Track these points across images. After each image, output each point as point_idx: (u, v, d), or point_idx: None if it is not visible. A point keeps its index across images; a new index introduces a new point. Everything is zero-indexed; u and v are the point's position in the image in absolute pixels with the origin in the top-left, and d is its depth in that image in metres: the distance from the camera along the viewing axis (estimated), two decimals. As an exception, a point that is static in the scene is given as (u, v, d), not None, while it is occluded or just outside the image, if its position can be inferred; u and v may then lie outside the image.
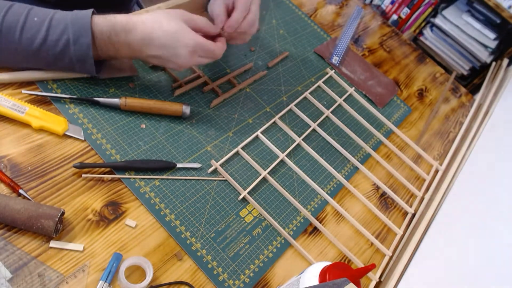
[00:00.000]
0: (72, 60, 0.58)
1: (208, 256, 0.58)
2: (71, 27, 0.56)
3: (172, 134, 0.67)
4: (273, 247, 0.63)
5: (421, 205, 0.80)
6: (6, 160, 0.54)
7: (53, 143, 0.58)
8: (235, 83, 0.78)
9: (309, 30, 1.00)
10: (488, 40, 1.79)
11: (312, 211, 0.69)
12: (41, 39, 0.56)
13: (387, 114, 0.92)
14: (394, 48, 1.11)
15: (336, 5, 1.12)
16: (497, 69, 1.34)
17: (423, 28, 1.96)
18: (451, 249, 0.65)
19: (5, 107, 0.56)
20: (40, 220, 0.49)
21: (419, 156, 0.88)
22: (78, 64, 0.59)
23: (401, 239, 0.73)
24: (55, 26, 0.56)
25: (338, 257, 0.67)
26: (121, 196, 0.58)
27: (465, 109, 1.07)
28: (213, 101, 0.73)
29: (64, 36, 0.56)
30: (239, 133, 0.72)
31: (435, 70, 1.13)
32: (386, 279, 0.66)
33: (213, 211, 0.62)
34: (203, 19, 0.65)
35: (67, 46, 0.57)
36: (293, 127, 0.78)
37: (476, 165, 0.84)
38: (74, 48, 0.57)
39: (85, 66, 0.60)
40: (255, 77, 0.81)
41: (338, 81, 0.91)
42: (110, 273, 0.50)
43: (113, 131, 0.63)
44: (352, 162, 0.79)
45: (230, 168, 0.67)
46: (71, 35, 0.56)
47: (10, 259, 0.48)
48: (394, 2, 1.97)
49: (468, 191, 0.77)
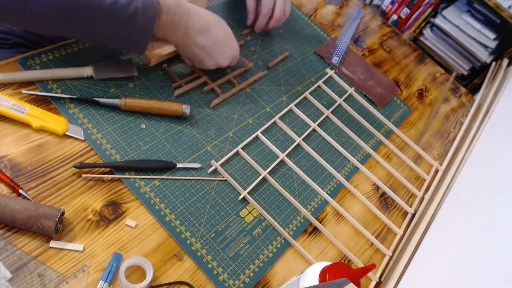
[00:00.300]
0: (134, 29, 0.57)
1: (208, 256, 0.58)
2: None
3: (172, 134, 0.67)
4: (273, 247, 0.63)
5: (421, 205, 0.80)
6: (6, 160, 0.54)
7: (53, 143, 0.58)
8: (235, 83, 0.78)
9: (309, 30, 1.00)
10: (488, 40, 1.79)
11: (312, 211, 0.69)
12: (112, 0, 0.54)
13: (387, 114, 0.92)
14: (394, 48, 1.11)
15: (336, 5, 1.12)
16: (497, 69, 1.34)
17: (423, 28, 1.96)
18: (451, 249, 0.64)
19: (5, 107, 0.56)
20: (40, 220, 0.49)
21: (419, 156, 0.88)
22: (136, 34, 0.58)
23: (401, 239, 0.73)
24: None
25: (338, 257, 0.67)
26: (121, 196, 0.58)
27: (465, 109, 1.07)
28: (213, 101, 0.73)
29: (133, 3, 0.56)
30: (239, 133, 0.72)
31: (435, 70, 1.13)
32: (386, 279, 0.66)
33: (213, 211, 0.62)
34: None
35: (135, 15, 0.56)
36: (293, 127, 0.78)
37: (476, 165, 0.84)
38: (141, 18, 0.57)
39: (142, 39, 0.59)
40: (255, 77, 0.81)
41: (338, 81, 0.91)
42: (110, 273, 0.50)
43: (113, 131, 0.63)
44: (352, 162, 0.79)
45: (230, 168, 0.67)
46: (140, 4, 0.56)
47: (10, 259, 0.48)
48: (394, 2, 1.97)
49: (468, 191, 0.77)
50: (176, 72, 0.75)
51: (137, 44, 0.60)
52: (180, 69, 0.76)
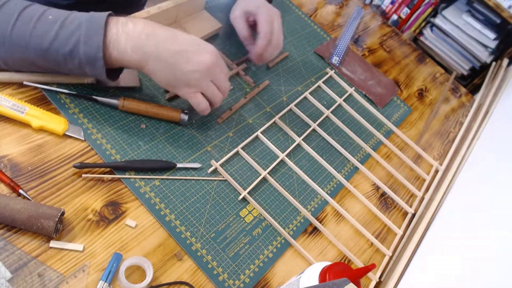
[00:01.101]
0: (81, 61, 0.55)
1: (208, 256, 0.58)
2: (84, 26, 0.54)
3: (172, 134, 0.67)
4: (273, 247, 0.63)
5: (421, 205, 0.80)
6: (6, 160, 0.54)
7: (53, 143, 0.58)
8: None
9: (309, 30, 1.00)
10: (488, 40, 1.79)
11: (312, 211, 0.69)
12: (51, 37, 0.54)
13: (387, 114, 0.92)
14: (394, 48, 1.11)
15: (336, 5, 1.12)
16: (497, 69, 1.34)
17: (423, 28, 1.96)
18: (451, 249, 0.65)
19: (5, 107, 0.56)
20: (40, 220, 0.49)
21: (419, 156, 0.88)
22: (88, 66, 0.56)
23: (401, 239, 0.73)
24: (68, 24, 0.54)
25: (338, 257, 0.66)
26: (121, 196, 0.58)
27: (465, 109, 1.07)
28: (220, 117, 0.72)
29: (76, 34, 0.54)
30: (239, 133, 0.72)
31: (435, 70, 1.13)
32: (386, 279, 0.66)
33: (213, 211, 0.62)
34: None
35: (78, 45, 0.54)
36: (293, 127, 0.78)
37: (476, 165, 0.84)
38: (84, 48, 0.54)
39: (95, 69, 0.56)
40: (261, 86, 0.80)
41: (338, 81, 0.91)
42: (110, 273, 0.50)
43: (113, 131, 0.63)
44: (352, 162, 0.79)
45: (230, 168, 0.67)
46: (83, 34, 0.54)
47: (10, 259, 0.48)
48: (394, 2, 1.97)
49: (468, 191, 0.77)
50: None
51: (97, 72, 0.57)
52: None
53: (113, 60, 0.57)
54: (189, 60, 0.59)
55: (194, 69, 0.60)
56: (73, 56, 0.55)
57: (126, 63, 0.58)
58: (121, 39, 0.56)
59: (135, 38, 0.56)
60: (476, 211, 0.69)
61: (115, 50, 0.56)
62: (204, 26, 0.81)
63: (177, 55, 0.59)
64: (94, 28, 0.54)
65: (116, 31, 0.56)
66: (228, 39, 0.85)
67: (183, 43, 0.59)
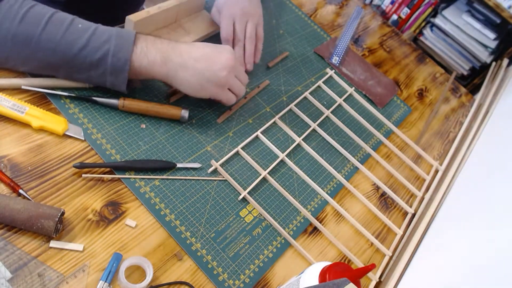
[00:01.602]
0: (106, 71, 0.59)
1: (208, 256, 0.58)
2: (114, 39, 0.58)
3: (172, 134, 0.67)
4: (273, 247, 0.63)
5: (421, 205, 0.80)
6: (6, 160, 0.54)
7: (53, 143, 0.58)
8: None
9: (309, 30, 1.00)
10: (488, 40, 1.79)
11: (312, 211, 0.69)
12: (82, 44, 0.57)
13: (387, 114, 0.92)
14: (394, 48, 1.11)
15: (336, 5, 1.12)
16: (497, 69, 1.34)
17: (423, 28, 1.96)
18: (451, 249, 0.65)
19: (5, 107, 0.56)
20: (40, 220, 0.49)
21: (419, 156, 0.88)
22: (111, 76, 0.59)
23: (401, 239, 0.73)
24: (99, 35, 0.58)
25: (338, 257, 0.67)
26: (121, 196, 0.58)
27: (465, 109, 1.07)
28: (220, 117, 0.72)
29: (105, 46, 0.57)
30: (239, 133, 0.72)
31: (435, 70, 1.13)
32: (386, 279, 0.66)
33: (213, 211, 0.62)
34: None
35: (106, 56, 0.57)
36: (293, 127, 0.78)
37: (476, 165, 0.84)
38: (112, 59, 0.58)
39: (117, 80, 0.60)
40: (261, 86, 0.80)
41: (338, 81, 0.91)
42: (110, 273, 0.50)
43: (113, 131, 0.63)
44: (352, 162, 0.79)
45: (230, 168, 0.67)
46: (113, 46, 0.57)
47: (10, 259, 0.48)
48: (394, 2, 1.97)
49: (468, 191, 0.77)
50: None
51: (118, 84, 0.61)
52: None
53: (141, 71, 0.61)
54: (214, 61, 0.64)
55: (221, 68, 0.64)
56: (100, 65, 0.58)
57: (153, 74, 0.62)
58: (151, 51, 0.60)
59: (163, 51, 0.61)
60: (476, 211, 0.69)
61: (145, 60, 0.60)
62: (204, 26, 0.81)
63: (202, 60, 0.63)
64: (124, 41, 0.58)
65: (146, 44, 0.60)
66: None
67: (203, 49, 0.64)
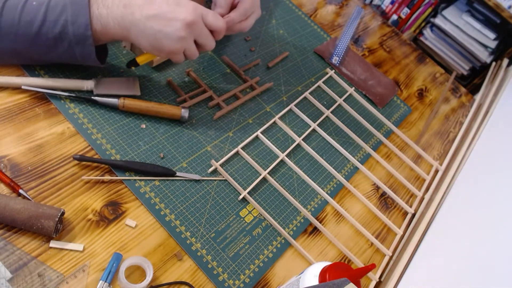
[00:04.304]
0: (71, 43, 0.57)
1: (208, 256, 0.58)
2: (69, 7, 0.55)
3: (172, 134, 0.67)
4: (273, 247, 0.63)
5: (421, 205, 0.80)
6: (6, 160, 0.54)
7: (53, 143, 0.58)
8: (240, 96, 0.76)
9: (309, 30, 1.00)
10: (488, 40, 1.79)
11: (312, 211, 0.69)
12: (40, 21, 0.55)
13: (387, 114, 0.91)
14: (394, 48, 1.11)
15: (336, 5, 1.12)
16: (497, 69, 1.34)
17: (423, 28, 1.96)
18: (451, 249, 0.65)
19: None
20: (40, 220, 0.49)
21: (419, 156, 0.88)
22: (78, 46, 0.57)
23: (401, 239, 0.73)
24: (53, 7, 0.56)
25: (338, 257, 0.67)
26: (121, 196, 0.58)
27: (465, 109, 1.07)
28: (216, 113, 0.72)
29: (62, 17, 0.55)
30: (239, 133, 0.72)
31: (435, 70, 1.13)
32: (386, 279, 0.66)
33: (213, 211, 0.62)
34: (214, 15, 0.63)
35: (66, 27, 0.55)
36: (293, 127, 0.78)
37: (476, 165, 0.84)
38: (73, 28, 0.55)
39: (85, 48, 0.58)
40: (261, 88, 0.80)
41: (338, 81, 0.91)
42: (110, 273, 0.50)
43: (113, 131, 0.63)
44: (352, 162, 0.79)
45: (230, 168, 0.67)
46: (69, 15, 0.55)
47: (10, 259, 0.48)
48: (394, 2, 1.97)
49: (468, 191, 0.77)
50: (180, 85, 0.73)
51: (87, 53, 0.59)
52: (185, 81, 0.75)
53: (99, 36, 0.58)
54: (168, 23, 0.58)
55: (173, 30, 0.58)
56: (63, 38, 0.56)
57: (111, 36, 0.59)
58: (102, 13, 0.57)
59: (114, 9, 0.57)
60: (476, 211, 0.69)
61: (98, 24, 0.57)
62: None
63: (154, 19, 0.58)
64: (79, 7, 0.56)
65: (97, 6, 0.57)
66: (228, 38, 0.85)
67: (160, 6, 0.58)
